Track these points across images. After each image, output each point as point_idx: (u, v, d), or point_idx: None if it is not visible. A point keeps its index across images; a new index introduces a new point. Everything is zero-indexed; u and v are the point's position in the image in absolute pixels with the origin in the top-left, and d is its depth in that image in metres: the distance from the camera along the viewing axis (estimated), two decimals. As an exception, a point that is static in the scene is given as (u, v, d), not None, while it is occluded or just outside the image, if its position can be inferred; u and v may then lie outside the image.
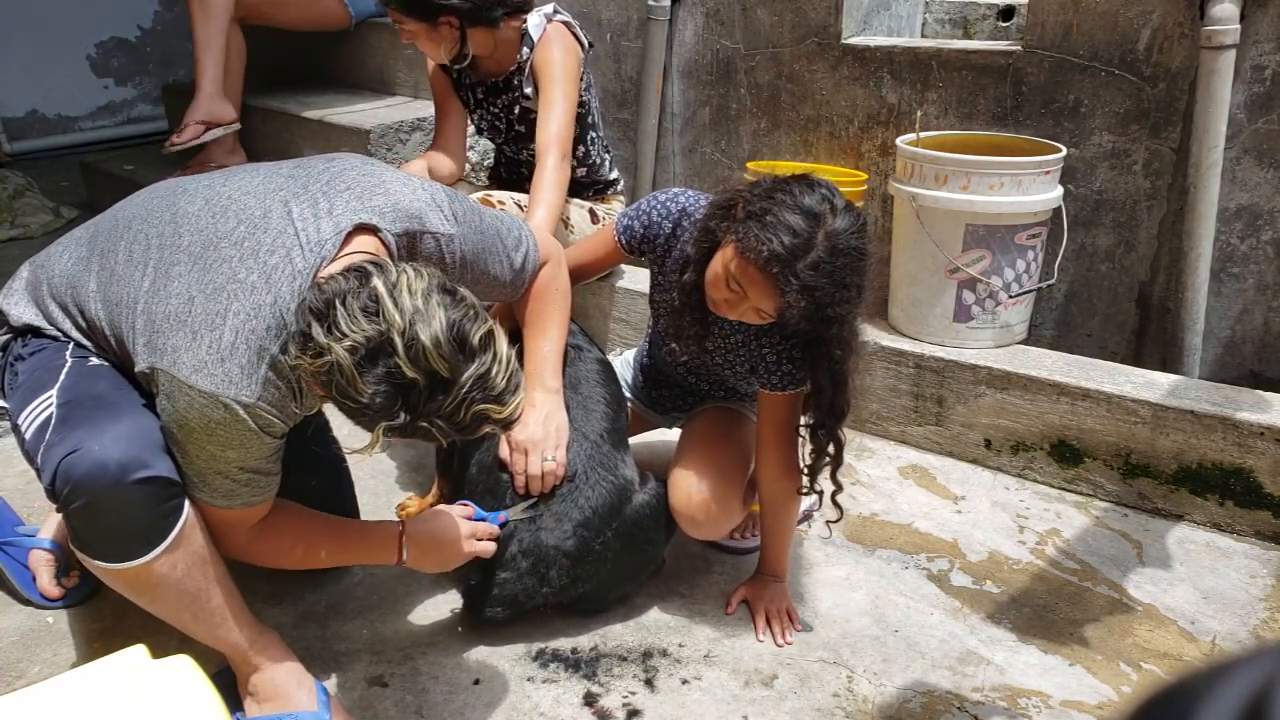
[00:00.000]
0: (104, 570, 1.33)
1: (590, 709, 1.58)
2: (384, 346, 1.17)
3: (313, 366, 1.19)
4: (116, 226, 1.44)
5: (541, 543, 1.66)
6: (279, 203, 1.36)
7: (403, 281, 1.21)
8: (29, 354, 1.44)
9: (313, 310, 1.20)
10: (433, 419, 1.21)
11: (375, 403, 1.18)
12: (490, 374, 1.23)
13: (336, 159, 1.48)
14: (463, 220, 1.49)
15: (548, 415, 1.68)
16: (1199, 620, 1.79)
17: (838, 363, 1.58)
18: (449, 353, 1.19)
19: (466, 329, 1.22)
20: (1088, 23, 2.33)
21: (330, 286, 1.21)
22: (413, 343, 1.17)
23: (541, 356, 1.72)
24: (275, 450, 1.37)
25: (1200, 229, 2.25)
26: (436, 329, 1.18)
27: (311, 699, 1.50)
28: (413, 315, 1.18)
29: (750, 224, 1.45)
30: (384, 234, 1.38)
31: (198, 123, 3.09)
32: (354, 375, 1.17)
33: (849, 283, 1.46)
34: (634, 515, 1.72)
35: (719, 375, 1.87)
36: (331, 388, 1.20)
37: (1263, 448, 1.98)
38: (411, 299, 1.19)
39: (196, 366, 1.26)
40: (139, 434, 1.30)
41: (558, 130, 2.20)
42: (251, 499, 1.39)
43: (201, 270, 1.31)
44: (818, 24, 2.73)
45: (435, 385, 1.19)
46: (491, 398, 1.23)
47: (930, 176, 2.25)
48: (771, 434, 1.71)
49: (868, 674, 1.66)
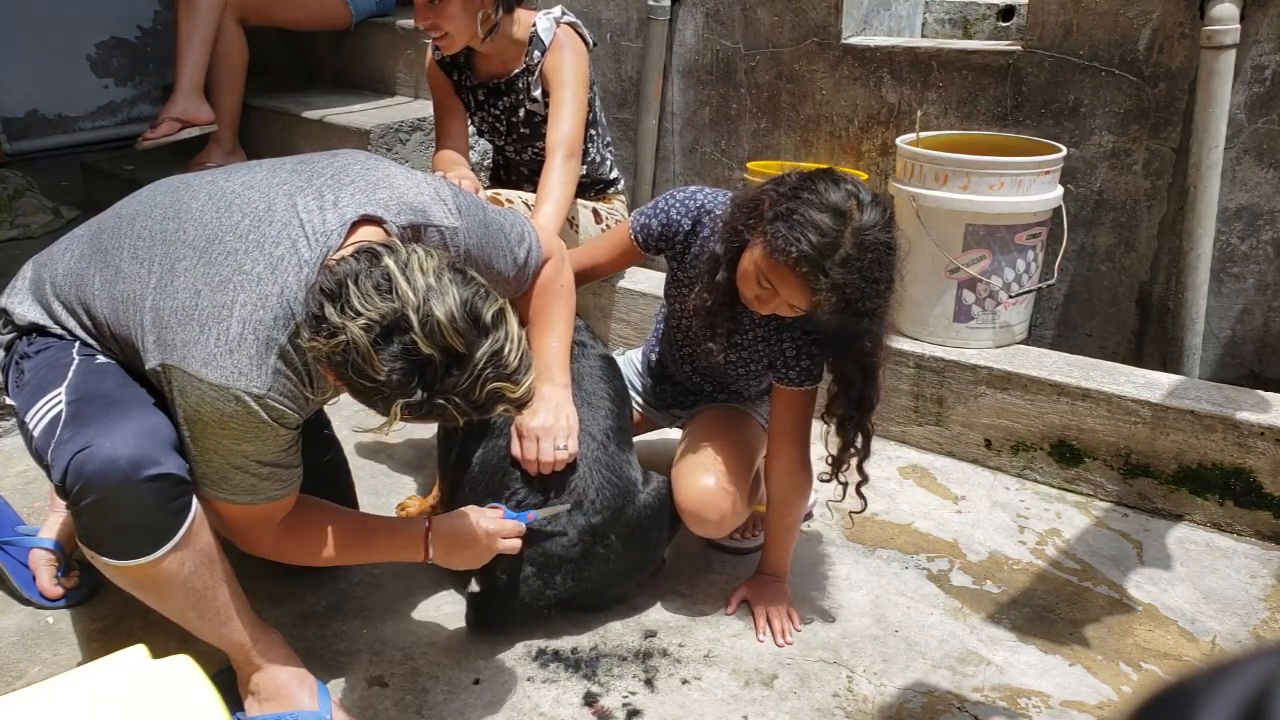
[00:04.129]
0: (112, 567, 1.33)
1: (590, 709, 1.58)
2: (399, 323, 1.17)
3: (327, 347, 1.19)
4: (120, 224, 1.44)
5: (546, 548, 1.66)
6: (283, 195, 1.36)
7: (414, 260, 1.21)
8: (34, 352, 1.44)
9: (325, 291, 1.20)
10: (449, 396, 1.21)
11: (392, 380, 1.18)
12: (504, 351, 1.23)
13: (340, 154, 1.48)
14: (466, 214, 1.49)
15: (558, 405, 1.68)
16: (1199, 620, 1.79)
17: (868, 355, 1.59)
18: (464, 328, 1.19)
19: (479, 306, 1.22)
20: (1088, 23, 2.33)
21: (341, 268, 1.21)
22: (428, 318, 1.17)
23: (549, 352, 1.72)
24: (291, 442, 1.37)
25: (1200, 229, 2.25)
26: (451, 305, 1.18)
27: (313, 699, 1.50)
28: (426, 292, 1.18)
29: (778, 224, 1.46)
30: (389, 226, 1.38)
31: (172, 119, 3.08)
32: (370, 353, 1.17)
33: (878, 277, 1.48)
34: (637, 515, 1.72)
35: (729, 377, 1.87)
36: (347, 368, 1.19)
37: (1263, 448, 1.98)
38: (424, 277, 1.20)
39: (205, 360, 1.26)
40: (149, 431, 1.30)
41: (568, 131, 2.20)
42: (275, 493, 1.39)
43: (207, 264, 1.30)
44: (818, 24, 2.73)
45: (451, 361, 1.19)
46: (505, 375, 1.23)
47: (930, 176, 2.25)
48: (785, 430, 1.72)
49: (868, 674, 1.66)
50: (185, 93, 3.08)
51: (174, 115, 3.08)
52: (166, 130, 3.10)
